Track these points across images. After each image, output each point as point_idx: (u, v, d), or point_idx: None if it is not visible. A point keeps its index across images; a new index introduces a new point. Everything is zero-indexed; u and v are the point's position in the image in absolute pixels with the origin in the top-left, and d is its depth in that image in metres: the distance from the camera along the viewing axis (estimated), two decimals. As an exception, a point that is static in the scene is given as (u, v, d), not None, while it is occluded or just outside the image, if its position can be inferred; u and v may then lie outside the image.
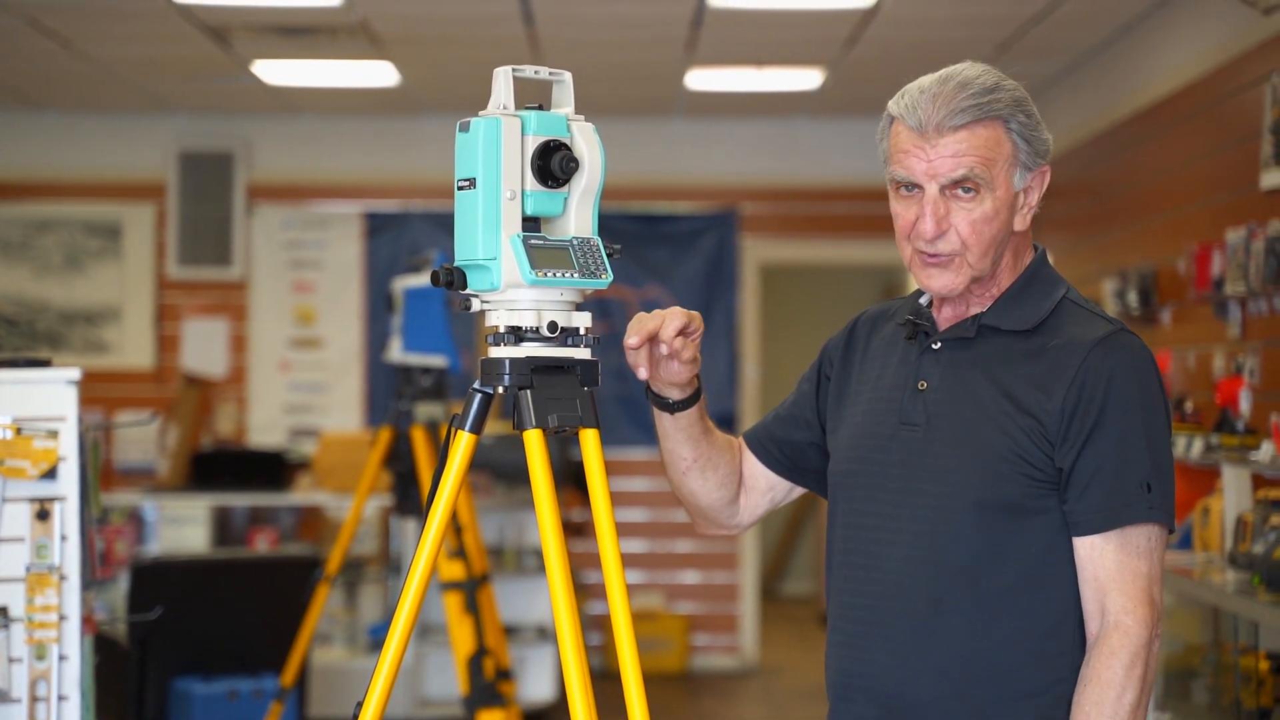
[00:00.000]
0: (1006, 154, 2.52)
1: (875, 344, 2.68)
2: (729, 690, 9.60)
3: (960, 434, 2.50)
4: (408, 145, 9.85)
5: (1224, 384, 5.77)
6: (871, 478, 2.58)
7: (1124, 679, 2.41)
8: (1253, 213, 5.80)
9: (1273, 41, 5.80)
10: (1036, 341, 2.53)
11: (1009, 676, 2.47)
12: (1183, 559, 5.48)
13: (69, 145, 9.77)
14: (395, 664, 2.56)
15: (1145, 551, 2.46)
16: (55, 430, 3.57)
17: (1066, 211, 8.57)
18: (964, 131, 2.49)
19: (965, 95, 2.49)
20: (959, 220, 2.50)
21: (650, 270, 9.94)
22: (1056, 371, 2.48)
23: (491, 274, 2.50)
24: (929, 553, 2.50)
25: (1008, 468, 2.47)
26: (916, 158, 2.51)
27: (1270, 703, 4.73)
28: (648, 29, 7.57)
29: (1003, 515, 2.48)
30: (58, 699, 3.53)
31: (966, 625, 2.48)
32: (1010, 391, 2.49)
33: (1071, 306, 2.57)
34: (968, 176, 2.49)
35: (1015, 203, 2.54)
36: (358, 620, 8.22)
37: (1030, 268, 2.60)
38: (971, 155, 2.49)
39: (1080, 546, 2.47)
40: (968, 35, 7.62)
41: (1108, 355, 2.48)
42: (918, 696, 2.50)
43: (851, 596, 2.58)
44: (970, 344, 2.56)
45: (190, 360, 9.74)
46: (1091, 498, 2.45)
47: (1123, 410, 2.46)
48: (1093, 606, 2.46)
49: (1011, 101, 2.53)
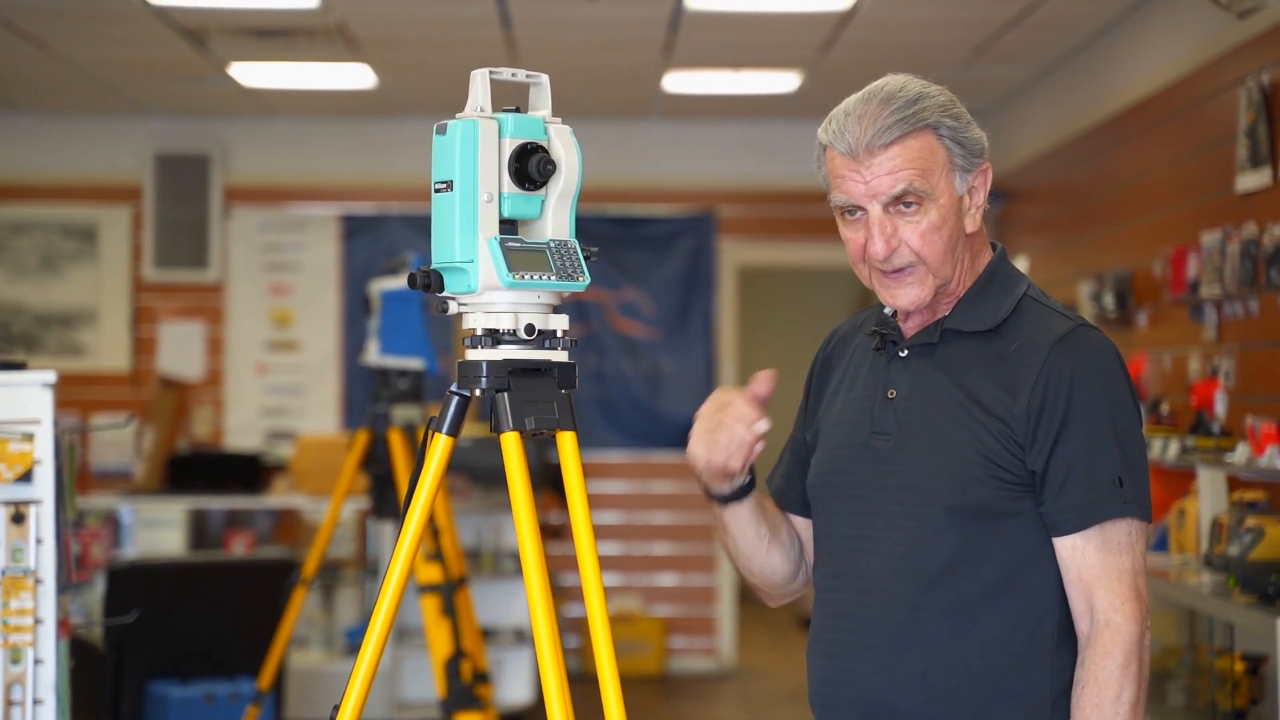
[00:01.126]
0: (942, 160, 2.51)
1: (848, 357, 2.68)
2: (706, 693, 9.60)
3: (930, 440, 2.50)
4: (385, 148, 9.84)
5: (1199, 386, 5.79)
6: (848, 488, 2.58)
7: (1121, 677, 2.42)
8: (1228, 216, 5.82)
9: (1248, 45, 5.82)
10: (998, 342, 2.53)
11: (991, 680, 2.47)
12: (1159, 561, 5.49)
13: (45, 147, 9.74)
14: (372, 667, 2.55)
15: (1126, 546, 2.46)
16: (31, 433, 3.56)
17: (1043, 215, 8.59)
18: (895, 147, 2.48)
19: (890, 111, 2.48)
20: (908, 234, 2.50)
21: (628, 273, 9.94)
22: (1019, 373, 2.48)
23: (469, 276, 2.50)
24: (907, 560, 2.50)
25: (978, 471, 2.47)
26: (853, 181, 2.50)
27: (1246, 704, 4.74)
28: (625, 31, 7.57)
29: (976, 519, 2.48)
30: (33, 703, 3.52)
31: (946, 630, 2.48)
32: (976, 395, 2.49)
33: (1032, 304, 2.56)
34: (907, 190, 2.49)
35: (961, 206, 2.54)
36: (335, 623, 8.21)
37: (990, 267, 2.59)
38: (907, 169, 2.48)
39: (1061, 547, 2.47)
40: (944, 39, 7.63)
41: (1069, 353, 2.48)
42: (901, 703, 2.50)
43: (833, 606, 2.59)
44: (934, 349, 2.56)
45: (167, 363, 9.71)
46: (1066, 498, 2.45)
47: (1088, 407, 2.46)
48: (1081, 606, 2.46)
49: (937, 108, 2.50)
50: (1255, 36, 5.76)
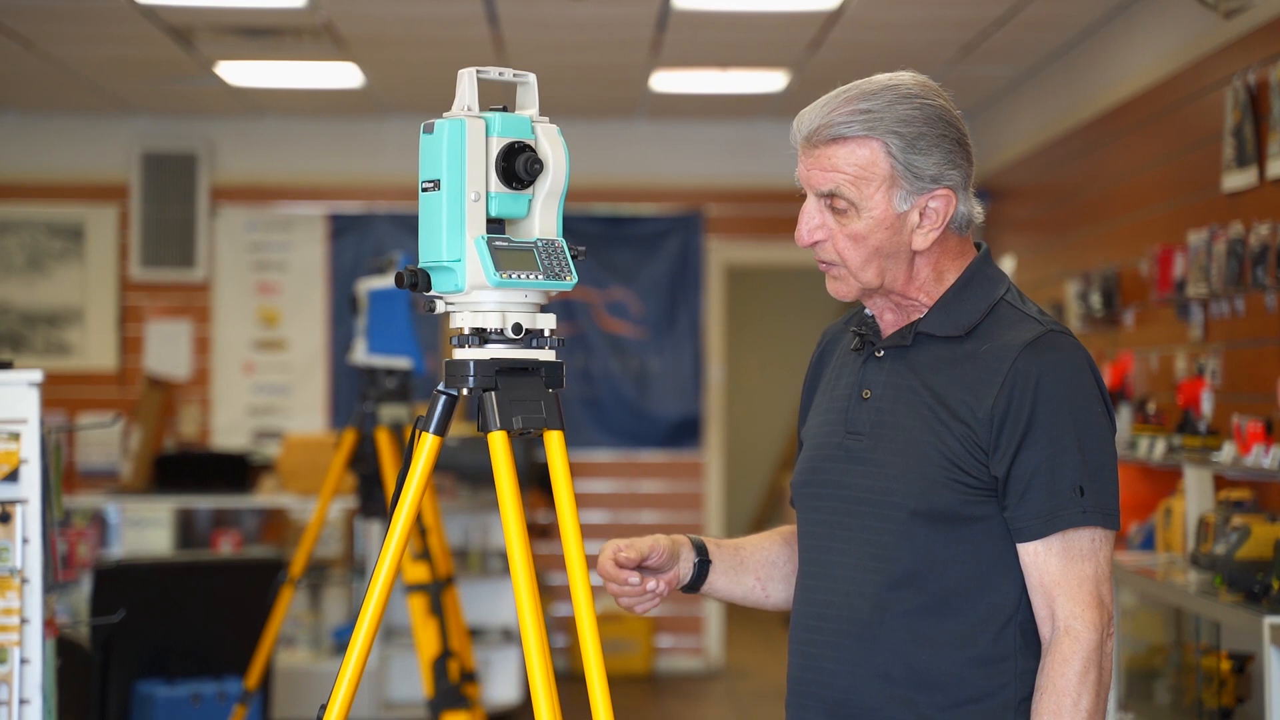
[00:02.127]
0: (882, 174, 2.48)
1: (835, 356, 2.69)
2: (694, 692, 9.60)
3: (899, 442, 2.50)
4: (372, 147, 9.83)
5: (1186, 385, 5.80)
6: (824, 488, 2.58)
7: (1078, 685, 2.41)
8: (1214, 215, 5.83)
9: (1234, 45, 5.83)
10: (969, 346, 2.51)
11: (953, 682, 2.47)
12: (1145, 560, 5.50)
13: (31, 146, 9.72)
14: (360, 666, 2.55)
15: (1089, 554, 2.45)
16: (17, 433, 3.55)
17: (1030, 214, 8.60)
18: (836, 146, 2.49)
19: (847, 110, 2.48)
20: (834, 233, 2.52)
21: (615, 272, 9.94)
22: (986, 377, 2.47)
23: (456, 276, 2.50)
24: (873, 561, 2.50)
25: (942, 474, 2.47)
26: (801, 164, 2.53)
27: (1232, 703, 4.75)
28: (612, 31, 7.57)
29: (940, 523, 2.47)
30: (19, 702, 3.51)
31: (909, 632, 2.48)
32: (944, 398, 2.49)
33: (1007, 308, 2.54)
34: (834, 193, 2.49)
35: (901, 223, 2.50)
36: (322, 623, 8.20)
37: (968, 271, 2.56)
38: (839, 172, 2.49)
39: (1024, 553, 2.47)
40: (931, 38, 7.64)
41: (1035, 359, 2.46)
42: (865, 702, 2.50)
43: (806, 605, 2.60)
44: (908, 351, 2.55)
45: (154, 362, 9.70)
46: (1028, 504, 2.45)
47: (1052, 415, 2.44)
48: (1043, 612, 2.46)
49: (898, 121, 2.47)
50: (1241, 36, 5.77)
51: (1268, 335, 5.49)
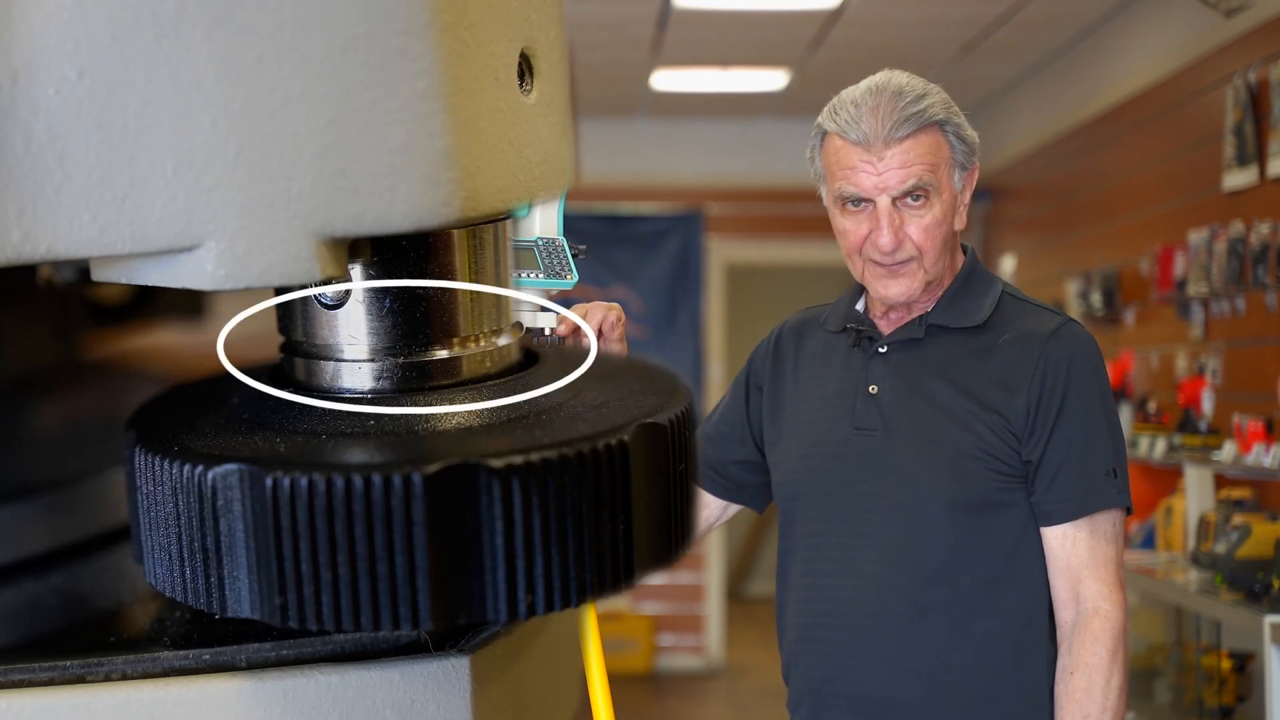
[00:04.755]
0: (946, 157, 2.53)
1: (806, 353, 2.68)
2: (694, 690, 9.60)
3: (922, 435, 2.51)
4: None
5: (1186, 384, 5.81)
6: (830, 485, 2.57)
7: (1110, 664, 2.45)
8: (1215, 214, 5.83)
9: (1234, 44, 5.83)
10: (986, 338, 2.54)
11: (991, 671, 2.49)
12: (1146, 559, 5.50)
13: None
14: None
15: (1112, 536, 2.50)
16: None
17: (1030, 213, 8.60)
18: (909, 141, 2.50)
19: (903, 105, 2.50)
20: (912, 228, 2.52)
21: (616, 271, 9.94)
22: (1016, 367, 2.50)
23: (456, 275, 2.49)
24: (904, 554, 2.50)
25: (976, 465, 2.48)
26: (865, 173, 2.51)
27: (1232, 701, 4.75)
28: (613, 30, 7.57)
29: (974, 512, 2.49)
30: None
31: (947, 624, 2.49)
32: (970, 390, 2.50)
33: (1012, 301, 2.59)
34: (918, 185, 2.50)
35: (957, 203, 2.56)
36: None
37: (966, 266, 2.61)
38: (919, 164, 2.50)
39: (1051, 536, 2.49)
40: (932, 37, 7.64)
41: (1062, 346, 2.50)
42: (903, 698, 2.50)
43: (825, 604, 2.57)
44: (920, 345, 2.56)
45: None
46: (1060, 487, 2.47)
47: (1083, 400, 2.48)
48: (1065, 594, 2.48)
49: (943, 105, 2.53)
50: (1242, 35, 5.77)
51: (1268, 334, 5.49)
